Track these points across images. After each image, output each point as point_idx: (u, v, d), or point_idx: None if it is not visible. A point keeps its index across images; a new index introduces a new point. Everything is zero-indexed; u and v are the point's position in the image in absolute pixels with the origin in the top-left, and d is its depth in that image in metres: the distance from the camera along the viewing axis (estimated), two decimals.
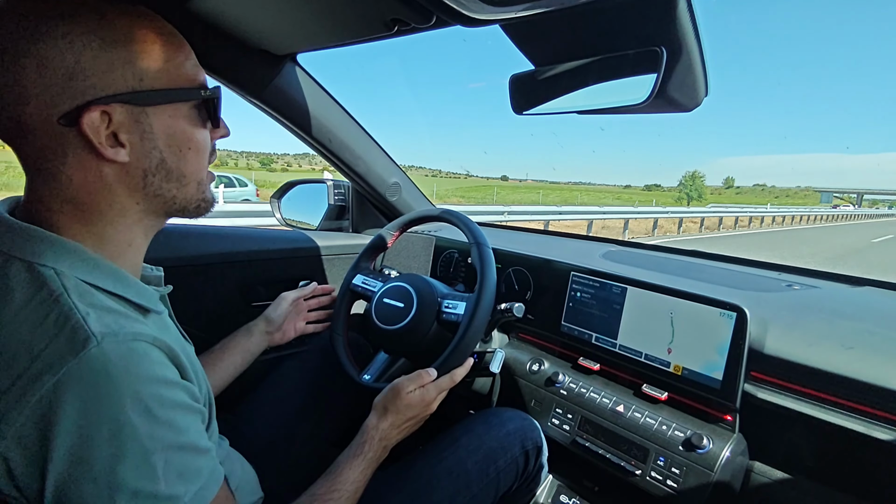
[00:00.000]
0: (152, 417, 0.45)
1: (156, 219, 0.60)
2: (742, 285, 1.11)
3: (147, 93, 0.52)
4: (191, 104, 0.57)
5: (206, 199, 0.63)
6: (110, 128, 0.51)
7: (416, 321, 1.01)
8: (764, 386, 0.86)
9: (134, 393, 0.45)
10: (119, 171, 0.53)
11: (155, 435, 0.45)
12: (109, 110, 0.50)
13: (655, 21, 0.66)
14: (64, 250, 0.50)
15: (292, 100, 1.19)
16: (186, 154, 0.57)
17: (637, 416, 0.97)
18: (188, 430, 0.50)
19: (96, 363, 0.43)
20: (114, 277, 0.53)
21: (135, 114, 0.52)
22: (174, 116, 0.55)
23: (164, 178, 0.56)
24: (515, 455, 0.96)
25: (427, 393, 0.89)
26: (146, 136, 0.53)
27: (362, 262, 1.22)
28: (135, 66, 0.51)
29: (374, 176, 1.48)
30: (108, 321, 0.47)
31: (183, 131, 0.57)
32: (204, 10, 0.90)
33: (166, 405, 0.47)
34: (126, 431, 0.44)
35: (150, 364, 0.47)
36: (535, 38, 0.80)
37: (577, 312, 1.13)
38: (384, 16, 0.80)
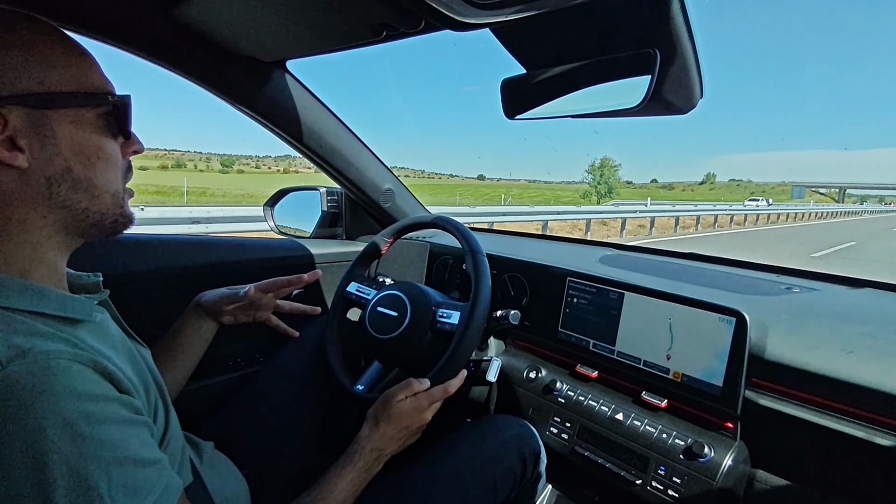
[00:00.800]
0: (79, 436, 0.43)
1: (68, 236, 0.56)
2: (741, 289, 1.10)
3: (47, 95, 0.50)
4: (97, 112, 0.55)
5: (125, 214, 0.60)
6: (6, 132, 0.48)
7: (409, 330, 0.99)
8: (765, 392, 0.85)
9: (52, 413, 0.42)
10: (17, 179, 0.50)
11: (87, 454, 0.43)
12: (4, 112, 0.48)
13: (649, 23, 0.65)
14: None
15: (282, 107, 1.17)
16: (95, 163, 0.54)
17: (637, 423, 0.95)
18: (128, 444, 0.47)
19: (2, 389, 0.41)
20: (27, 294, 0.50)
21: (34, 117, 0.49)
22: (79, 123, 0.53)
23: (72, 187, 0.53)
24: (513, 463, 0.95)
25: (418, 402, 0.87)
26: (48, 140, 0.50)
27: (356, 270, 1.20)
28: (34, 68, 0.49)
29: (366, 182, 1.46)
30: (16, 342, 0.44)
31: (90, 139, 0.54)
32: (189, 18, 0.88)
33: (94, 421, 0.44)
34: (50, 457, 0.41)
35: (71, 380, 0.44)
36: (525, 41, 0.78)
37: (575, 318, 1.12)
38: (372, 21, 0.78)
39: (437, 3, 0.65)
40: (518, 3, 0.60)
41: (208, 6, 0.83)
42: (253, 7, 0.81)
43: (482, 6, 0.63)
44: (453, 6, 0.64)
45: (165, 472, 0.51)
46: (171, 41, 0.95)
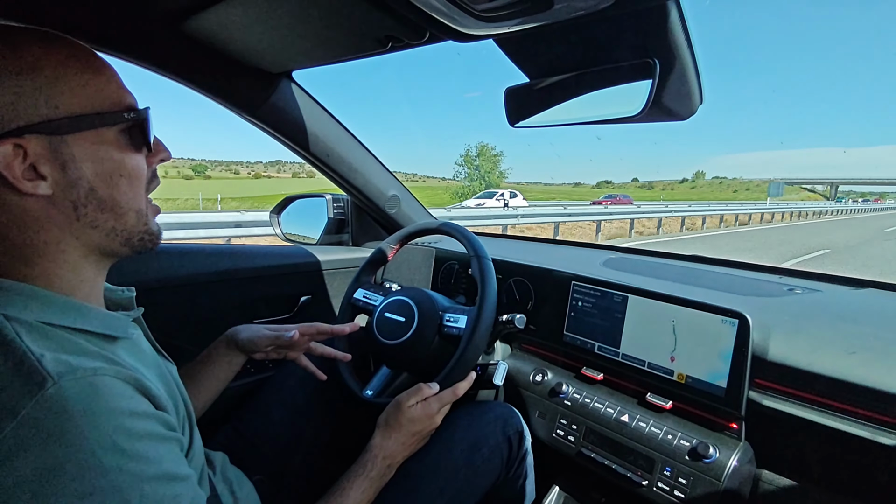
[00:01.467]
0: (119, 452, 0.44)
1: (102, 255, 0.57)
2: (743, 290, 1.10)
3: (63, 120, 0.50)
4: (117, 128, 0.54)
5: (150, 231, 0.60)
6: (27, 160, 0.48)
7: (417, 335, 1.01)
8: (768, 393, 0.86)
9: (97, 429, 0.44)
10: (45, 206, 0.50)
11: (125, 468, 0.44)
12: (23, 143, 0.48)
13: (648, 33, 0.66)
14: (13, 293, 0.50)
15: (288, 116, 1.20)
16: (118, 182, 0.54)
17: (642, 425, 0.96)
18: (161, 460, 0.49)
19: (54, 403, 0.43)
20: (72, 312, 0.52)
21: (53, 144, 0.49)
22: (99, 143, 0.53)
23: (97, 208, 0.53)
24: (498, 442, 0.97)
25: (429, 407, 0.88)
26: (69, 165, 0.51)
27: (363, 276, 1.22)
28: (47, 93, 0.49)
29: (372, 189, 1.48)
30: (65, 359, 0.46)
31: (111, 158, 0.54)
32: (199, 32, 0.90)
33: (134, 437, 0.46)
34: (93, 469, 0.43)
35: (113, 397, 0.46)
36: (528, 51, 0.80)
37: (580, 322, 1.13)
38: (378, 33, 0.80)
39: (442, 16, 0.66)
40: (520, 16, 0.62)
41: (218, 20, 0.85)
42: (261, 20, 0.83)
43: (485, 19, 0.64)
44: (457, 18, 0.66)
45: (192, 487, 0.52)
46: (181, 54, 0.97)
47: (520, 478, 1.03)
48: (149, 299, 0.75)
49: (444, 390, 0.91)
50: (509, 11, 0.61)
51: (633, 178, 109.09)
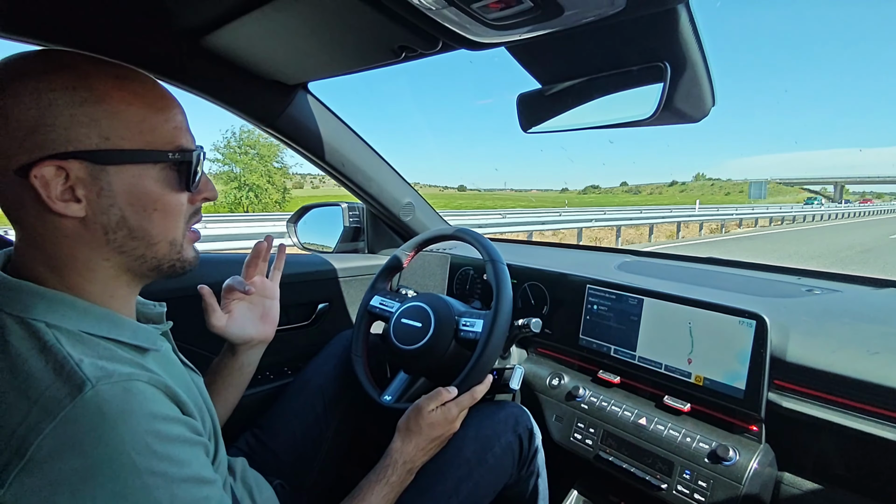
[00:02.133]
0: (152, 453, 0.46)
1: (133, 276, 0.59)
2: (760, 292, 1.10)
3: (110, 152, 0.52)
4: (161, 166, 0.56)
5: (182, 258, 0.62)
6: (68, 182, 0.50)
7: (434, 340, 1.02)
8: (788, 394, 0.85)
9: (131, 431, 0.46)
10: (77, 226, 0.53)
11: (156, 470, 0.46)
12: (66, 166, 0.50)
13: (658, 37, 0.67)
14: (54, 302, 0.52)
15: (305, 127, 1.22)
16: (152, 214, 0.56)
17: (660, 428, 0.96)
18: (191, 463, 0.50)
19: (92, 405, 0.45)
20: (107, 322, 0.54)
21: (94, 171, 0.51)
22: (140, 177, 0.54)
23: (128, 235, 0.55)
24: (509, 440, 0.98)
25: (449, 411, 0.89)
26: (104, 193, 0.52)
27: (379, 283, 1.23)
28: (102, 125, 0.51)
29: (387, 197, 1.50)
30: (102, 365, 0.48)
31: (148, 192, 0.55)
32: (218, 46, 0.93)
33: (165, 440, 0.48)
34: (127, 470, 0.44)
35: (146, 402, 0.48)
36: (539, 58, 0.81)
37: (595, 325, 1.13)
38: (392, 43, 0.82)
39: (454, 25, 0.68)
40: (531, 24, 0.63)
41: (236, 34, 0.87)
42: (278, 34, 0.86)
43: (497, 27, 0.66)
44: (469, 27, 0.68)
45: (219, 491, 0.54)
46: (201, 69, 1.00)
47: (532, 476, 1.03)
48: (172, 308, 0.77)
49: (462, 395, 0.92)
50: (520, 19, 0.62)
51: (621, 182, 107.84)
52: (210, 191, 0.64)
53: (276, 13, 0.77)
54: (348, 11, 0.74)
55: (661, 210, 19.59)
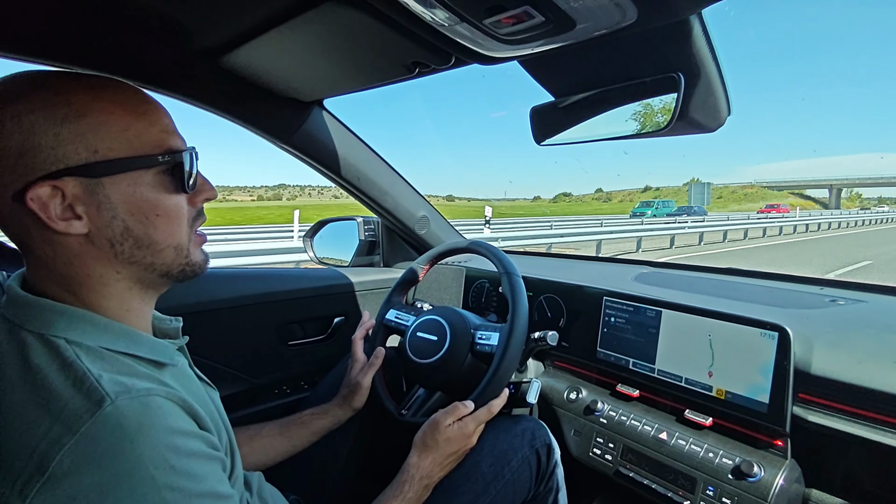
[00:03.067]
0: (170, 468, 0.46)
1: (146, 287, 0.60)
2: (782, 303, 1.08)
3: (100, 164, 0.52)
4: (154, 171, 0.56)
5: (191, 262, 0.62)
6: (66, 201, 0.51)
7: (449, 354, 1.01)
8: (814, 408, 0.83)
9: (150, 446, 0.46)
10: (83, 243, 0.53)
11: (174, 486, 0.46)
12: (60, 185, 0.50)
13: (671, 48, 0.67)
14: (74, 319, 0.53)
15: (320, 143, 1.24)
16: (154, 221, 0.56)
17: (681, 443, 0.94)
18: (207, 478, 0.50)
19: (112, 420, 0.45)
20: (125, 338, 0.55)
21: (89, 186, 0.51)
22: (135, 184, 0.54)
23: (134, 245, 0.55)
24: (526, 454, 0.97)
25: (465, 427, 0.89)
26: (103, 206, 0.53)
27: (394, 297, 1.23)
28: (88, 138, 0.51)
29: (402, 210, 1.50)
30: (120, 380, 0.49)
31: (147, 199, 0.55)
32: (235, 66, 0.95)
33: (183, 455, 0.48)
34: (146, 485, 0.45)
35: (164, 416, 0.49)
36: (552, 71, 0.82)
37: (613, 338, 1.12)
38: (405, 59, 0.83)
39: (467, 41, 0.69)
40: (543, 38, 0.64)
41: (254, 54, 0.89)
42: (294, 53, 0.87)
43: (509, 41, 0.66)
44: (482, 42, 0.68)
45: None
46: (219, 88, 1.02)
47: (551, 492, 1.01)
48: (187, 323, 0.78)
49: (478, 409, 0.91)
50: (532, 34, 0.63)
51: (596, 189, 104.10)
52: (209, 190, 0.64)
53: (292, 32, 0.79)
54: (363, 29, 0.75)
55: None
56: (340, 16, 0.72)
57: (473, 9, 0.59)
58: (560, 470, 1.04)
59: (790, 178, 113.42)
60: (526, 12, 0.58)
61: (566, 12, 0.57)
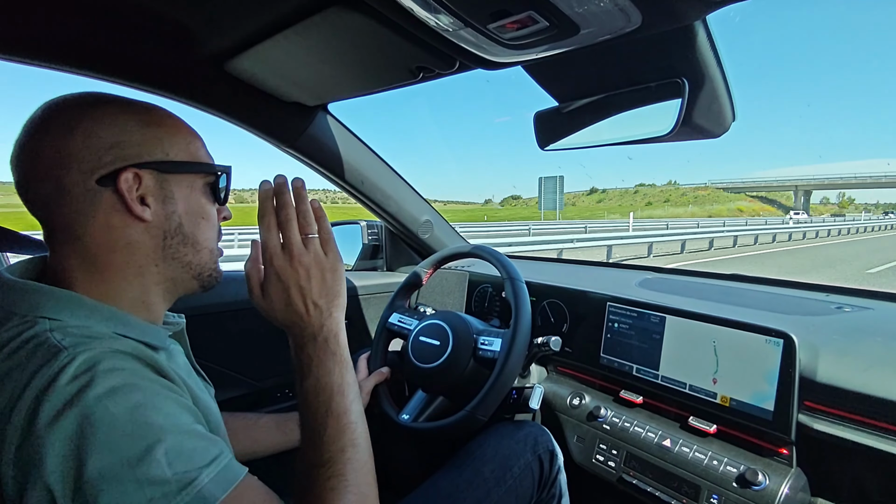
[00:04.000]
0: (126, 401, 0.47)
1: (174, 286, 0.64)
2: (788, 309, 1.07)
3: (172, 163, 0.60)
4: (205, 180, 0.65)
5: (217, 269, 0.68)
6: (139, 190, 0.58)
7: (452, 359, 1.01)
8: (819, 416, 0.82)
9: (107, 389, 0.46)
10: (142, 231, 0.59)
11: (137, 419, 0.46)
12: (141, 174, 0.58)
13: (675, 53, 0.67)
14: (62, 300, 0.54)
15: (324, 147, 1.24)
16: (200, 223, 0.64)
17: (685, 450, 0.93)
18: (179, 417, 0.50)
19: (69, 370, 0.46)
20: (113, 320, 0.56)
21: (160, 180, 0.59)
22: (192, 188, 0.63)
23: (182, 241, 0.62)
24: (529, 460, 0.97)
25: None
26: (168, 200, 0.60)
27: (398, 301, 1.23)
28: (163, 143, 0.60)
29: (405, 215, 1.51)
30: (83, 336, 0.51)
31: (199, 202, 0.64)
32: (241, 70, 0.96)
33: (150, 395, 0.49)
34: (107, 424, 0.45)
35: (123, 368, 0.49)
36: (556, 76, 0.82)
37: (616, 344, 1.11)
38: (409, 64, 0.83)
39: (471, 46, 0.69)
40: (547, 43, 0.64)
41: (260, 58, 0.90)
42: (299, 58, 0.88)
43: (513, 46, 0.66)
44: (486, 47, 0.68)
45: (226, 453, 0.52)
46: (224, 92, 1.03)
47: (554, 499, 1.01)
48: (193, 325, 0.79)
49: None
50: (536, 39, 0.63)
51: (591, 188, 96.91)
52: (227, 211, 0.71)
53: (297, 37, 0.79)
54: (367, 34, 0.75)
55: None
56: (345, 20, 0.72)
57: (478, 14, 0.59)
58: (563, 476, 1.03)
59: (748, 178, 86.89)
60: (530, 17, 0.58)
61: (570, 17, 0.57)
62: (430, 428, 0.99)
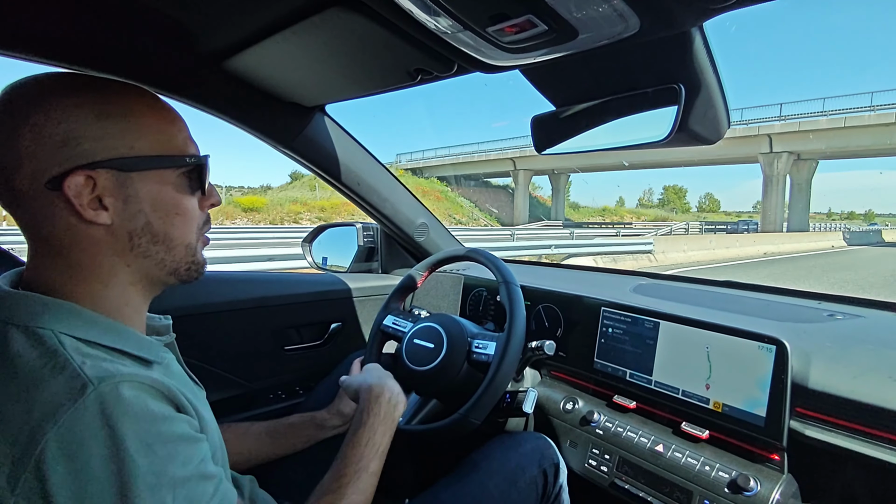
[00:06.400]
0: (153, 453, 0.47)
1: (150, 284, 0.62)
2: (780, 316, 1.07)
3: (133, 159, 0.55)
4: (178, 172, 0.60)
5: (196, 261, 0.65)
6: (95, 192, 0.53)
7: (446, 362, 1.01)
8: (811, 423, 0.83)
9: (133, 432, 0.46)
10: (105, 233, 0.55)
11: (158, 470, 0.47)
12: (94, 175, 0.53)
13: (672, 60, 0.67)
14: (60, 311, 0.53)
15: (321, 148, 1.24)
16: (174, 219, 0.60)
17: (678, 455, 0.94)
18: (191, 460, 0.51)
19: (94, 407, 0.45)
20: (112, 332, 0.55)
21: (120, 179, 0.55)
22: (160, 183, 0.58)
23: (151, 240, 0.58)
24: (534, 475, 0.96)
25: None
26: (130, 199, 0.56)
27: (392, 303, 1.23)
28: (126, 136, 0.55)
29: (401, 217, 1.51)
30: (104, 366, 0.49)
31: (171, 197, 0.59)
32: (239, 70, 0.96)
33: (166, 440, 0.49)
34: (129, 471, 0.45)
35: (147, 402, 0.49)
36: (554, 80, 0.82)
37: (610, 349, 1.11)
38: (408, 66, 0.83)
39: (469, 49, 0.69)
40: (545, 47, 0.64)
41: (257, 58, 0.90)
42: (297, 58, 0.88)
43: (511, 50, 0.67)
44: (484, 51, 0.69)
45: (222, 484, 0.54)
46: (222, 92, 1.03)
47: None
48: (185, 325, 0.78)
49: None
50: (535, 42, 0.63)
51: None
52: (215, 196, 0.67)
53: (296, 37, 0.79)
54: (366, 35, 0.75)
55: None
56: (344, 21, 0.72)
57: (477, 17, 0.59)
58: (566, 493, 1.02)
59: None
60: (529, 21, 0.58)
61: (569, 22, 0.58)
62: (422, 430, 0.98)
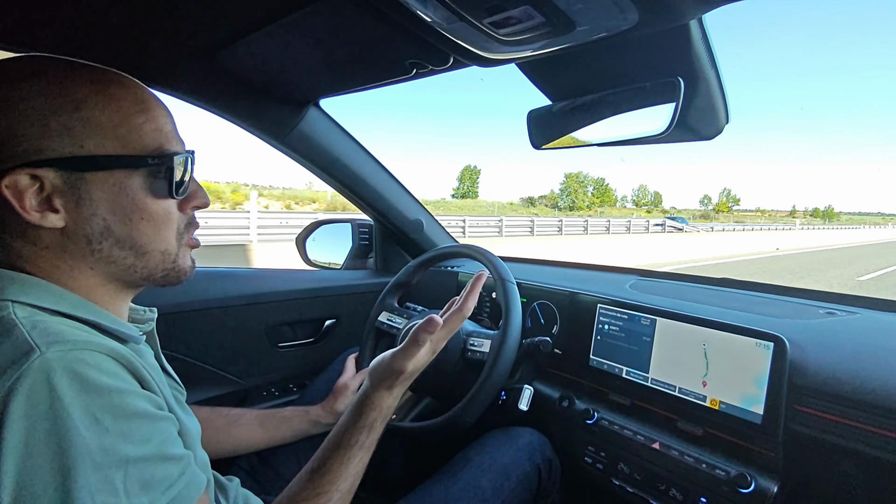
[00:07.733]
0: (103, 429, 0.43)
1: (124, 286, 0.58)
2: (778, 314, 1.07)
3: (85, 159, 0.50)
4: (142, 173, 0.54)
5: (178, 268, 0.60)
6: (43, 192, 0.49)
7: (440, 359, 1.00)
8: (808, 420, 0.82)
9: (82, 404, 0.42)
10: (58, 236, 0.51)
11: (108, 447, 0.43)
12: (40, 174, 0.48)
13: (671, 53, 0.67)
14: (28, 284, 0.49)
15: (315, 143, 1.23)
16: (139, 224, 0.54)
17: (674, 453, 0.93)
18: (150, 439, 0.46)
19: (38, 374, 0.41)
20: (83, 307, 0.51)
21: (70, 179, 0.50)
22: (121, 184, 0.53)
23: (115, 245, 0.54)
24: (527, 470, 0.95)
25: (438, 346, 0.78)
26: (83, 202, 0.51)
27: (387, 300, 1.22)
28: (76, 132, 0.50)
29: (396, 214, 1.50)
30: (55, 331, 0.45)
31: (132, 200, 0.53)
32: (232, 63, 0.94)
33: (120, 415, 0.44)
34: (76, 446, 0.41)
35: (100, 373, 0.45)
36: (550, 74, 0.81)
37: (606, 346, 1.10)
38: (403, 60, 0.82)
39: (465, 42, 0.68)
40: (542, 40, 0.63)
41: (251, 51, 0.88)
42: (290, 51, 0.86)
43: (508, 43, 0.66)
44: (480, 44, 0.68)
45: (189, 468, 0.50)
46: (214, 85, 1.01)
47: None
48: (178, 322, 0.77)
49: (451, 315, 0.77)
50: (531, 35, 0.62)
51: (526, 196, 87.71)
52: (201, 198, 0.61)
53: (288, 29, 0.78)
54: (360, 28, 0.74)
55: None
56: (337, 13, 0.71)
57: (473, 8, 0.58)
58: (559, 487, 1.02)
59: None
60: (526, 12, 0.57)
61: (566, 13, 0.57)
62: (415, 428, 0.98)
